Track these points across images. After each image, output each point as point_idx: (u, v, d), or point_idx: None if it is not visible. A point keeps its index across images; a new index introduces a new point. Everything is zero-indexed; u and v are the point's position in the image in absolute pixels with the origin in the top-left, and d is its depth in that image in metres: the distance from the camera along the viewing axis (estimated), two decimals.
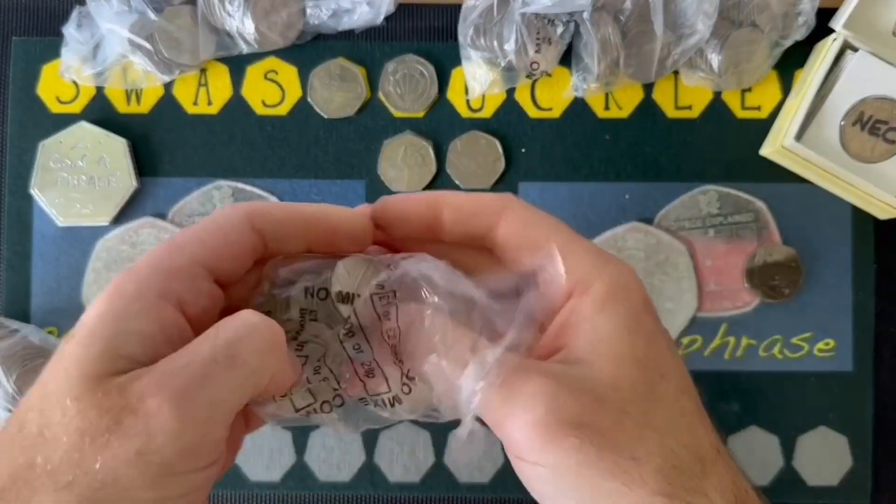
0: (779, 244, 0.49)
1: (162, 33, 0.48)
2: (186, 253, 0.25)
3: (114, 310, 0.23)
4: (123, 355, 0.23)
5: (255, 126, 0.49)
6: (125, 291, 0.24)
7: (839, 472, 0.48)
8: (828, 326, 0.48)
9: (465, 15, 0.47)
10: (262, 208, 0.26)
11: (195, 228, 0.26)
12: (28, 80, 0.50)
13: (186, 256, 0.25)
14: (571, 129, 0.49)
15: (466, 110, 0.49)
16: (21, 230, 0.49)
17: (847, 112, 0.44)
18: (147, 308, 0.24)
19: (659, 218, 0.49)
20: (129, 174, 0.49)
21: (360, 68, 0.49)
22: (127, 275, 0.24)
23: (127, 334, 0.23)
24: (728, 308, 0.49)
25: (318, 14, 0.49)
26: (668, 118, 0.49)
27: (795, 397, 0.48)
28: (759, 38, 0.47)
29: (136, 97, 0.50)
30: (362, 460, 0.48)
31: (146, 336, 0.23)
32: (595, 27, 0.46)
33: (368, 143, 0.49)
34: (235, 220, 0.26)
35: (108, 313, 0.23)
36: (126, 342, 0.23)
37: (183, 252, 0.25)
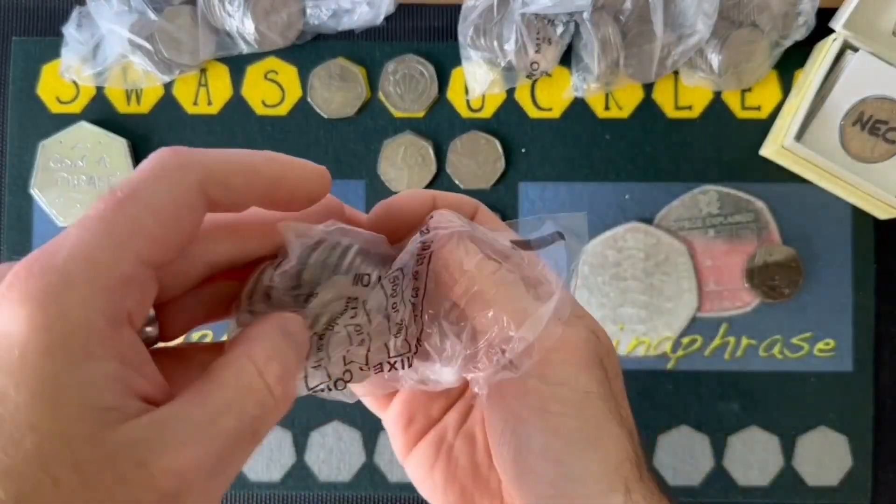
0: (779, 244, 0.48)
1: (162, 33, 0.48)
2: (132, 251, 0.19)
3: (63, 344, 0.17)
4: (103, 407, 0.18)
5: (255, 126, 0.49)
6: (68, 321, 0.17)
7: (839, 472, 0.48)
8: (828, 326, 0.48)
9: (465, 15, 0.47)
10: (217, 174, 0.21)
11: (135, 207, 0.19)
12: (28, 80, 0.50)
13: (132, 256, 0.19)
14: (571, 129, 0.49)
15: (466, 110, 0.49)
16: (21, 230, 0.49)
17: (847, 112, 0.44)
18: (104, 342, 0.18)
19: (659, 218, 0.49)
20: (129, 174, 0.49)
21: (360, 68, 0.49)
22: (57, 288, 0.17)
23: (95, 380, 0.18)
24: (728, 308, 0.49)
25: (318, 14, 0.49)
26: (668, 118, 0.49)
27: (795, 397, 0.48)
28: (759, 38, 0.47)
29: (136, 97, 0.50)
30: (362, 460, 0.48)
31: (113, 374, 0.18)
32: (595, 27, 0.46)
33: (368, 143, 0.49)
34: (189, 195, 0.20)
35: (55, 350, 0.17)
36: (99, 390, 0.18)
37: (127, 249, 0.18)
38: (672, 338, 0.49)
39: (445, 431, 0.29)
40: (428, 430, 0.29)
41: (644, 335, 0.49)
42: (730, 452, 0.48)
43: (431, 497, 0.28)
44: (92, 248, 0.18)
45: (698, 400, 0.48)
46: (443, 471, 0.28)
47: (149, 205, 0.19)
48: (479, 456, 0.28)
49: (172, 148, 0.21)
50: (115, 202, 0.19)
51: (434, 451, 0.28)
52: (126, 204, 0.19)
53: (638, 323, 0.49)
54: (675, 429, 0.48)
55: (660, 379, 0.49)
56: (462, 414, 0.29)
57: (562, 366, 0.24)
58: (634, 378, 0.48)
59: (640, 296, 0.49)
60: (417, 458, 0.29)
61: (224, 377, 0.20)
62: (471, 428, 0.29)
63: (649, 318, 0.49)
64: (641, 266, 0.49)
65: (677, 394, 0.48)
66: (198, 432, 0.19)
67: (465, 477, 0.28)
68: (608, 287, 0.49)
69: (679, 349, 0.49)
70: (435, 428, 0.29)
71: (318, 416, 0.49)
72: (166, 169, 0.20)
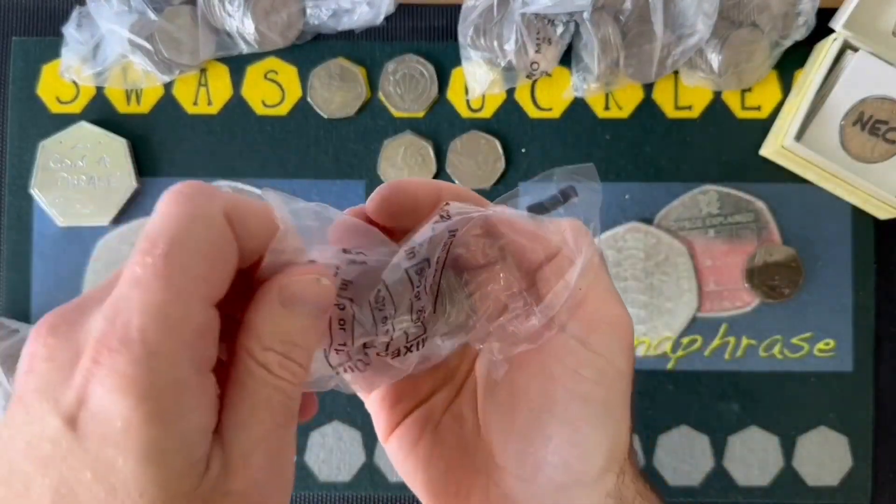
0: (779, 244, 0.48)
1: (162, 33, 0.48)
2: (196, 298, 0.19)
3: (160, 409, 0.18)
4: (198, 458, 0.19)
5: (255, 126, 0.49)
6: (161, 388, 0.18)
7: (839, 472, 0.48)
8: (828, 326, 0.48)
9: (465, 15, 0.47)
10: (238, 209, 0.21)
11: (184, 255, 0.19)
12: (28, 80, 0.50)
13: (198, 303, 0.19)
14: (571, 129, 0.49)
15: (466, 110, 0.49)
16: (21, 230, 0.49)
17: (847, 112, 0.44)
18: (194, 394, 0.19)
19: (659, 218, 0.49)
20: (129, 174, 0.49)
21: (360, 68, 0.49)
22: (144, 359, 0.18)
23: (191, 434, 0.19)
24: (728, 308, 0.49)
25: (318, 14, 0.49)
26: (668, 118, 0.49)
27: (795, 397, 0.48)
28: (759, 38, 0.47)
29: (136, 97, 0.50)
30: (362, 460, 0.48)
31: (204, 424, 0.19)
32: (595, 27, 0.46)
33: (368, 143, 0.49)
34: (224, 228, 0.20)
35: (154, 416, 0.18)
36: (195, 444, 0.19)
37: (192, 299, 0.19)
38: (672, 338, 0.49)
39: (433, 410, 0.29)
40: (414, 410, 0.29)
41: (644, 335, 0.49)
42: (730, 452, 0.48)
43: (412, 476, 0.28)
44: (162, 309, 0.18)
45: (698, 400, 0.48)
46: (427, 448, 0.28)
47: (196, 249, 0.19)
48: (468, 434, 0.28)
49: (189, 183, 0.20)
50: (162, 256, 0.19)
51: (419, 428, 0.28)
52: (175, 255, 0.19)
53: (638, 323, 0.49)
54: (675, 429, 0.48)
55: (660, 379, 0.49)
56: (451, 394, 0.29)
57: (608, 338, 0.25)
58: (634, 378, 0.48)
59: (640, 296, 0.49)
60: (401, 435, 0.28)
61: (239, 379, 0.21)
62: (459, 407, 0.28)
63: (649, 318, 0.49)
64: (641, 266, 0.49)
65: (677, 394, 0.48)
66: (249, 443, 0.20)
67: (451, 454, 0.28)
68: None
69: (679, 349, 0.49)
70: (422, 407, 0.29)
71: (318, 417, 0.49)
72: (197, 207, 0.20)
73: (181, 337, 0.19)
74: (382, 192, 0.25)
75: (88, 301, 0.20)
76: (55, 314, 0.20)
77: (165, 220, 0.19)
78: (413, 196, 0.25)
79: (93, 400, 0.18)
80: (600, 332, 0.25)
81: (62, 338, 0.19)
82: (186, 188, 0.20)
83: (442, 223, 0.24)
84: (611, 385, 0.25)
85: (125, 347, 0.18)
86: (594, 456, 0.24)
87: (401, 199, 0.25)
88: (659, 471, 0.48)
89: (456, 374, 0.29)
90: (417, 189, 0.25)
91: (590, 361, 0.24)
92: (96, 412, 0.18)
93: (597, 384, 0.24)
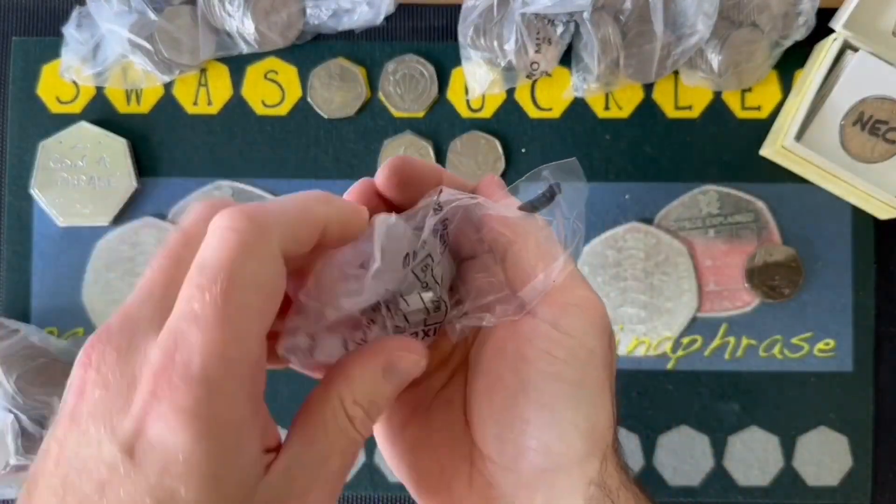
0: (779, 244, 0.48)
1: (162, 33, 0.48)
2: (254, 335, 0.20)
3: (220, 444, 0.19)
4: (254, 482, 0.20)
5: (255, 126, 0.49)
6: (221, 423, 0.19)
7: (839, 472, 0.48)
8: (828, 326, 0.48)
9: (465, 15, 0.47)
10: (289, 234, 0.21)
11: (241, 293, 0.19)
12: (28, 80, 0.50)
13: (255, 340, 0.20)
14: (571, 129, 0.49)
15: (466, 110, 0.49)
16: (21, 230, 0.49)
17: (847, 112, 0.44)
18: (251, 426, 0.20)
19: (659, 218, 0.49)
20: (129, 174, 0.49)
21: (360, 68, 0.49)
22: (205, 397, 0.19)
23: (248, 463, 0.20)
24: (728, 308, 0.49)
25: (318, 14, 0.49)
26: (668, 118, 0.49)
27: (795, 397, 0.48)
28: (759, 38, 0.47)
29: (136, 97, 0.50)
30: (362, 460, 0.48)
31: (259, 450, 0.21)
32: (595, 27, 0.46)
33: (368, 143, 0.49)
34: (277, 262, 0.21)
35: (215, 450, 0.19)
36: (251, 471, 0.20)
37: (250, 336, 0.20)
38: (672, 338, 0.49)
39: (423, 395, 0.29)
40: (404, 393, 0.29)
41: (644, 335, 0.49)
42: (730, 452, 0.48)
43: (398, 459, 0.28)
44: (222, 350, 0.19)
45: (698, 400, 0.48)
46: (415, 431, 0.28)
47: (254, 286, 0.20)
48: (455, 420, 0.28)
49: (243, 212, 0.20)
50: (222, 294, 0.19)
51: (409, 412, 0.28)
52: (233, 292, 0.19)
53: (638, 323, 0.49)
54: (675, 429, 0.48)
55: (660, 379, 0.49)
56: (443, 379, 0.29)
57: (576, 319, 0.25)
58: (634, 378, 0.48)
59: (640, 296, 0.49)
60: (388, 419, 0.29)
61: (322, 418, 0.22)
62: (450, 393, 0.29)
63: (649, 319, 0.49)
64: (641, 266, 0.49)
65: (677, 394, 0.48)
66: (314, 478, 0.22)
67: (438, 439, 0.28)
68: (608, 287, 0.49)
69: (679, 349, 0.49)
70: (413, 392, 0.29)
71: None
72: (253, 240, 0.20)
73: (240, 374, 0.20)
74: (393, 163, 0.26)
75: (134, 323, 0.20)
76: (103, 338, 0.20)
77: (222, 254, 0.20)
78: (420, 172, 0.27)
79: (152, 432, 0.19)
80: (570, 315, 0.25)
81: (115, 365, 0.20)
82: (241, 218, 0.20)
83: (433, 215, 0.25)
84: (583, 366, 0.25)
85: (186, 385, 0.19)
86: (572, 437, 0.25)
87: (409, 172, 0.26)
88: (659, 471, 0.48)
89: (450, 361, 0.29)
90: (423, 167, 0.27)
91: (560, 342, 0.25)
92: (156, 444, 0.19)
93: (568, 364, 0.25)
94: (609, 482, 0.25)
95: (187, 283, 0.20)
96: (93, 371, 0.20)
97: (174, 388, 0.19)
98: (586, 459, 0.25)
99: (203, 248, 0.20)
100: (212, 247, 0.20)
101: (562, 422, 0.25)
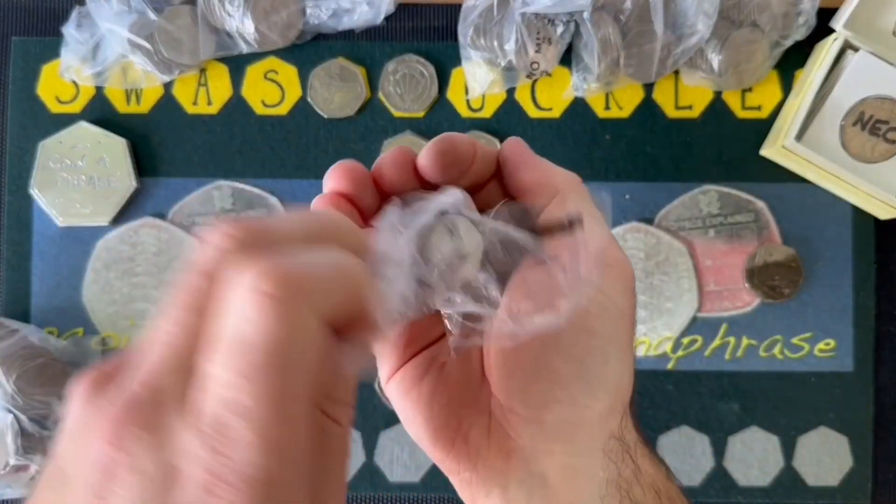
0: (779, 244, 0.48)
1: (162, 33, 0.48)
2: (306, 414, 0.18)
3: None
4: None
5: (255, 126, 0.49)
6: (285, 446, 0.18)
7: (839, 472, 0.48)
8: (828, 326, 0.48)
9: (465, 15, 0.47)
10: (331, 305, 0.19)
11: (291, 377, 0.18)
12: (28, 80, 0.50)
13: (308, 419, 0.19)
14: (571, 129, 0.49)
15: (466, 110, 0.49)
16: (21, 230, 0.49)
17: (847, 112, 0.44)
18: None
19: (659, 218, 0.49)
20: (128, 174, 0.49)
21: (360, 68, 0.49)
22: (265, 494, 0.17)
23: None
24: (728, 308, 0.49)
25: (317, 14, 0.49)
26: (668, 118, 0.49)
27: (795, 397, 0.48)
28: (759, 38, 0.47)
29: (136, 97, 0.50)
30: (362, 460, 0.48)
31: None
32: (595, 27, 0.46)
33: (368, 143, 0.49)
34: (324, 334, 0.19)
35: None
36: None
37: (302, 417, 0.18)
38: (672, 338, 0.49)
39: (439, 350, 0.29)
40: (422, 350, 0.29)
41: (644, 335, 0.49)
42: (730, 452, 0.48)
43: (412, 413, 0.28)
44: (277, 445, 0.17)
45: (698, 400, 0.48)
46: (431, 382, 0.28)
47: (301, 368, 0.18)
48: (472, 373, 0.28)
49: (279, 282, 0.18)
50: (268, 383, 0.17)
51: (425, 365, 0.28)
52: (281, 380, 0.17)
53: (638, 323, 0.48)
54: (675, 429, 0.48)
55: (660, 379, 0.49)
56: None
57: (611, 279, 0.26)
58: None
59: (640, 296, 0.49)
60: (405, 373, 0.28)
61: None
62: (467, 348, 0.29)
63: (649, 318, 0.49)
64: (641, 266, 0.49)
65: (677, 394, 0.48)
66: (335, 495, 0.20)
67: (454, 391, 0.28)
68: None
69: (679, 349, 0.49)
70: (429, 348, 0.29)
71: None
72: (296, 319, 0.18)
73: (296, 461, 0.18)
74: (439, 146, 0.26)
75: (160, 396, 0.18)
76: (131, 413, 0.18)
77: (265, 332, 0.17)
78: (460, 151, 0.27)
79: None
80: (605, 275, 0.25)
81: (145, 447, 0.18)
82: (277, 290, 0.18)
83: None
84: (614, 323, 0.25)
85: (245, 484, 0.17)
86: (599, 391, 0.25)
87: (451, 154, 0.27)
88: None
89: None
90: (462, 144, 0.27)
91: (595, 299, 0.25)
92: None
93: (601, 320, 0.25)
94: (627, 437, 0.26)
95: (225, 365, 0.17)
96: (124, 454, 0.17)
97: (231, 486, 0.17)
98: (609, 413, 0.25)
99: (237, 316, 0.18)
100: (249, 319, 0.17)
101: (590, 375, 0.25)
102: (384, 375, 0.29)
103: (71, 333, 0.49)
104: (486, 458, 0.27)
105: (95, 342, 0.49)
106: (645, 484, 0.26)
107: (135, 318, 0.49)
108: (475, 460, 0.27)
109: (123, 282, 0.49)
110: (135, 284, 0.49)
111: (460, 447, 0.27)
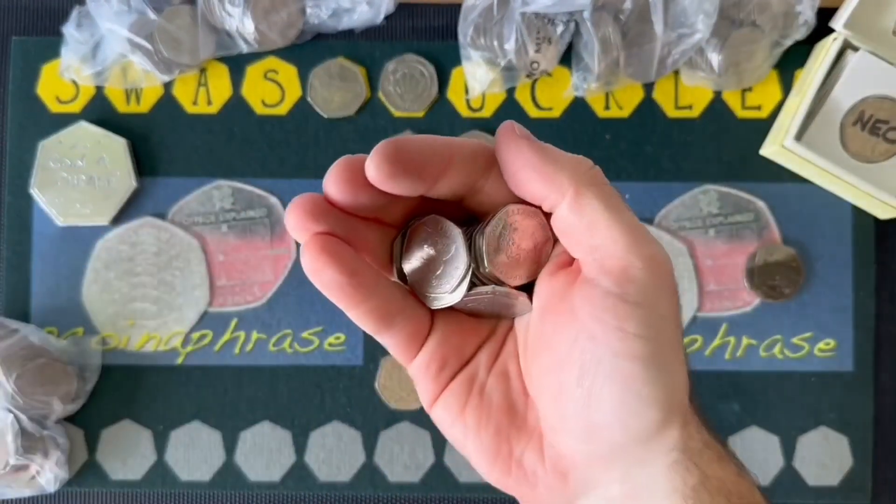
0: (779, 244, 0.48)
1: (162, 33, 0.48)
2: None
3: None
4: None
5: (255, 126, 0.49)
6: None
7: (839, 472, 0.48)
8: (828, 326, 0.48)
9: (465, 14, 0.47)
10: None
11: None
12: (28, 80, 0.49)
13: None
14: (571, 128, 0.49)
15: (466, 110, 0.49)
16: (21, 230, 0.49)
17: (847, 112, 0.44)
18: None
19: (659, 218, 0.49)
20: (128, 174, 0.49)
21: (360, 68, 0.49)
22: None
23: None
24: (728, 308, 0.49)
25: (317, 14, 0.49)
26: (668, 118, 0.49)
27: (795, 397, 0.48)
28: (759, 37, 0.47)
29: (136, 97, 0.50)
30: (362, 460, 0.48)
31: None
32: (595, 27, 0.46)
33: (368, 142, 0.49)
34: None
35: None
36: None
37: None
38: None
39: (477, 371, 0.27)
40: (458, 374, 0.27)
41: None
42: None
43: (462, 443, 0.27)
44: None
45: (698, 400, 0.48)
46: (475, 411, 0.27)
47: None
48: (515, 393, 0.27)
49: None
50: None
51: (465, 391, 0.27)
52: None
53: None
54: None
55: None
56: (493, 352, 0.28)
57: (644, 284, 0.23)
58: None
59: None
60: (446, 402, 0.27)
61: None
62: (503, 365, 0.27)
63: None
64: None
65: None
66: None
67: (500, 415, 0.27)
68: None
69: None
70: (465, 369, 0.27)
71: (318, 417, 0.49)
72: None
73: None
74: (383, 150, 0.22)
75: None
76: None
77: None
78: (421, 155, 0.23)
79: None
80: (636, 280, 0.23)
81: None
82: None
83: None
84: (658, 334, 0.23)
85: None
86: (650, 411, 0.23)
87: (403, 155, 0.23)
88: None
89: (497, 330, 0.28)
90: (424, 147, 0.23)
91: (631, 315, 0.23)
92: None
93: (643, 339, 0.23)
94: (691, 444, 0.24)
95: None
96: None
97: None
98: (665, 427, 0.24)
99: None
100: None
101: (639, 399, 0.23)
102: (426, 402, 0.28)
103: (71, 333, 0.49)
104: (545, 480, 0.26)
105: (95, 342, 0.49)
106: (713, 489, 0.24)
107: (135, 318, 0.49)
108: (534, 482, 0.26)
109: (123, 282, 0.49)
110: (134, 284, 0.49)
111: (517, 473, 0.26)
